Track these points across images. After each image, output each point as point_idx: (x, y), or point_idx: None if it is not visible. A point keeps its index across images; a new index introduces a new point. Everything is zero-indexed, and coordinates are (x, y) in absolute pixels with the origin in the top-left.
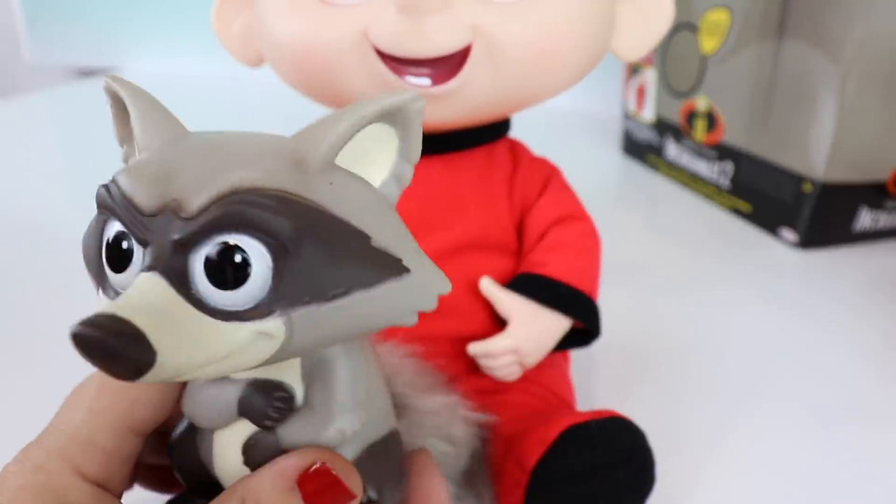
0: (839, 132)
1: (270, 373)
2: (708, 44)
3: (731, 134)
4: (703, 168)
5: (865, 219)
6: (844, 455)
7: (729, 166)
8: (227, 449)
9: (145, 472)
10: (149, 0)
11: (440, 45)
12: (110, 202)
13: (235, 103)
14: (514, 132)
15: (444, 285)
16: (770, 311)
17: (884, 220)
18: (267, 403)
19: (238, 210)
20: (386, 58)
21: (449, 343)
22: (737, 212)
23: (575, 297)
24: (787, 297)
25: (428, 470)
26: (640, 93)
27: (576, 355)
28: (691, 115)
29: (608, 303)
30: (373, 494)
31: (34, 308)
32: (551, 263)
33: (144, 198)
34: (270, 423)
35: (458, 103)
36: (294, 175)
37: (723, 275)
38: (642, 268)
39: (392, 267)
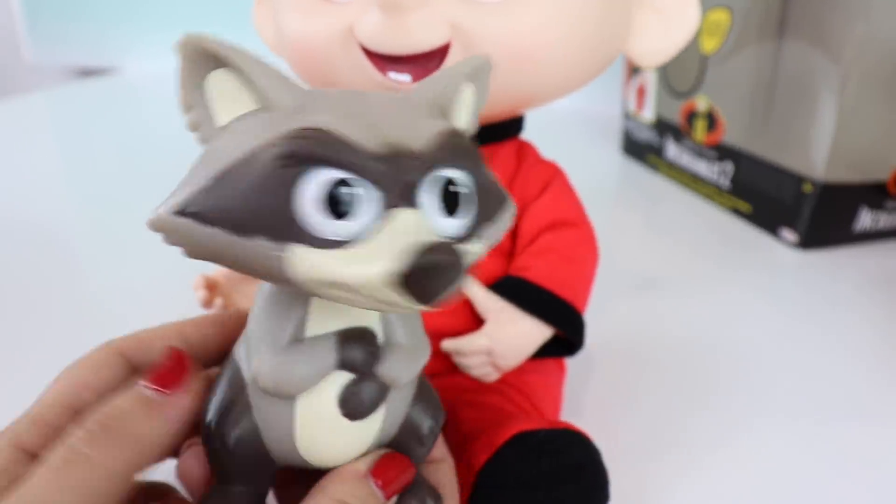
0: (839, 132)
1: (353, 323)
2: (708, 44)
3: (732, 134)
4: (704, 168)
5: (866, 219)
6: (844, 455)
7: (729, 166)
8: (316, 410)
9: None
10: (149, 0)
11: (419, 41)
12: (324, 150)
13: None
14: None
15: (513, 213)
16: (770, 311)
17: (884, 220)
18: (368, 350)
19: (464, 147)
20: (370, 54)
21: (431, 338)
22: (737, 212)
23: (554, 303)
24: (788, 298)
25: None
26: (641, 93)
27: (575, 355)
28: (691, 116)
29: (608, 303)
30: (430, 422)
31: (34, 308)
32: (534, 268)
33: (372, 142)
34: (369, 368)
35: None
36: (448, 122)
37: (723, 275)
38: (642, 268)
39: (502, 194)
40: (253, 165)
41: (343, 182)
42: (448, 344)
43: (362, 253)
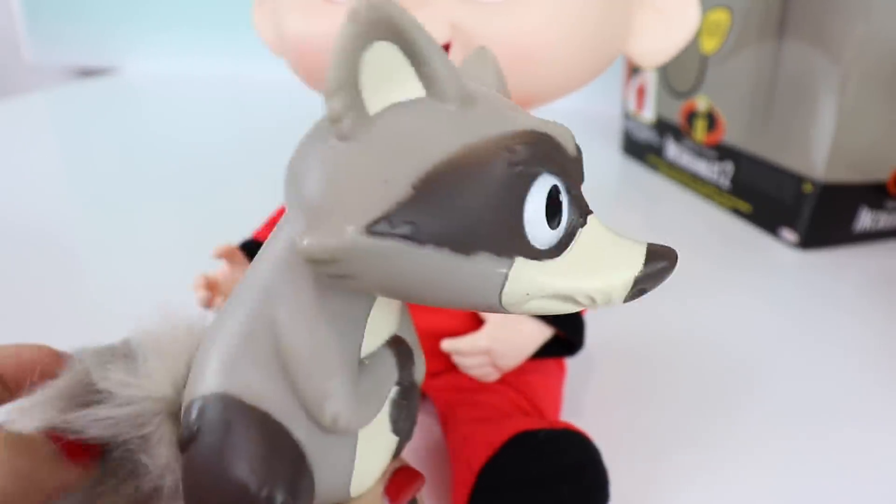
0: (839, 132)
1: (386, 335)
2: (708, 44)
3: (732, 134)
4: (704, 168)
5: (866, 219)
6: (844, 455)
7: (729, 166)
8: (375, 437)
9: None
10: (149, 0)
11: None
12: (553, 156)
13: (235, 103)
14: None
15: None
16: (770, 311)
17: (884, 220)
18: (409, 360)
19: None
20: None
21: (432, 338)
22: (737, 212)
23: None
24: (787, 298)
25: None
26: (641, 93)
27: (575, 355)
28: (691, 116)
29: None
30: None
31: (34, 308)
32: None
33: (571, 147)
34: (412, 379)
35: None
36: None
37: (723, 275)
38: None
39: None
40: (480, 169)
41: (555, 189)
42: (448, 344)
43: (592, 262)
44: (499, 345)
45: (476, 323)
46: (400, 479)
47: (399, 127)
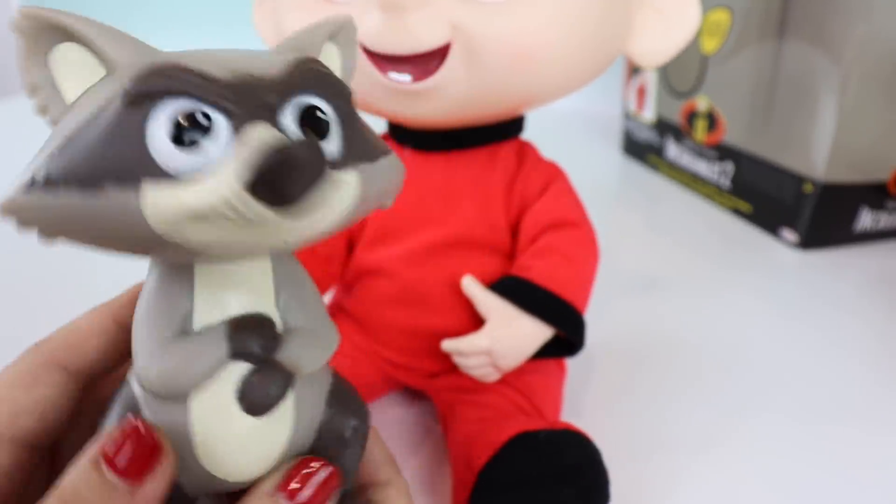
0: (840, 132)
1: (246, 309)
2: (708, 44)
3: (732, 134)
4: (704, 168)
5: (866, 219)
6: (845, 455)
7: (729, 166)
8: (212, 406)
9: None
10: (148, 0)
11: (419, 41)
12: (172, 82)
13: None
14: None
15: (401, 170)
16: (770, 311)
17: (884, 220)
18: (263, 335)
19: (321, 74)
20: (370, 54)
21: (431, 338)
22: (737, 212)
23: (555, 304)
24: (788, 298)
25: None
26: (641, 93)
27: (575, 355)
28: (692, 116)
29: (608, 303)
30: (353, 421)
31: (34, 308)
32: (536, 268)
33: (220, 71)
34: (267, 355)
35: (439, 100)
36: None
37: (723, 275)
38: (642, 268)
39: (385, 146)
40: (103, 115)
41: (194, 114)
42: (448, 344)
43: (213, 174)
44: (499, 345)
45: (476, 323)
46: (297, 473)
47: (78, 104)
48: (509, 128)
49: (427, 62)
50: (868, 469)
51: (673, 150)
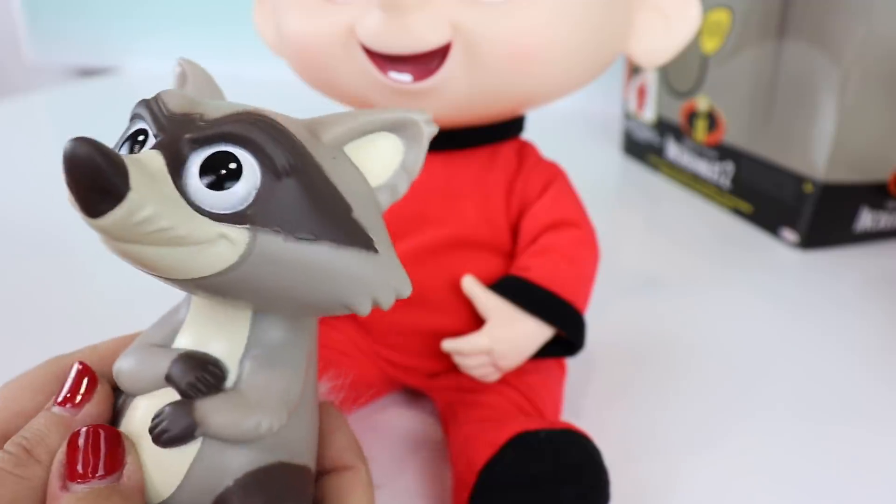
0: (840, 132)
1: (211, 350)
2: (709, 44)
3: (732, 134)
4: (704, 168)
5: (866, 219)
6: (844, 456)
7: (730, 166)
8: (138, 413)
9: None
10: (149, 0)
11: (419, 41)
12: (145, 104)
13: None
14: None
15: (405, 286)
16: (770, 311)
17: (885, 220)
18: (195, 372)
19: (248, 128)
20: (371, 54)
21: (432, 338)
22: (737, 212)
23: (555, 304)
24: (788, 298)
25: (331, 412)
26: (641, 93)
27: (575, 355)
28: (692, 116)
29: (608, 303)
30: None
31: (33, 308)
32: (535, 268)
33: (174, 102)
34: (192, 393)
35: (439, 100)
36: (305, 136)
37: (723, 275)
38: (642, 268)
39: (363, 240)
40: None
41: (142, 132)
42: (448, 344)
43: None
44: (499, 345)
45: (477, 323)
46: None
47: None
48: (509, 128)
49: (427, 62)
50: (869, 468)
51: (673, 150)
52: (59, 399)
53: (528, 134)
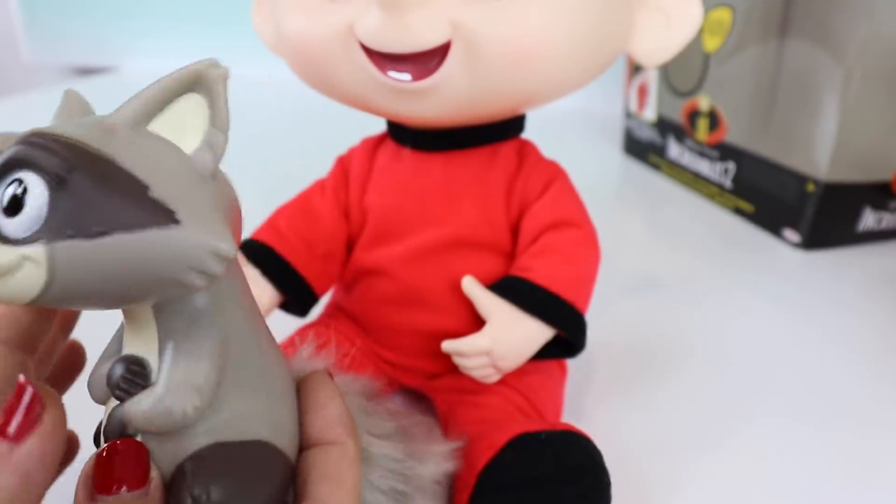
0: (842, 132)
1: (138, 351)
2: (710, 43)
3: (734, 133)
4: (706, 168)
5: (869, 219)
6: (847, 455)
7: (731, 166)
8: (103, 422)
9: None
10: (148, 0)
11: (419, 40)
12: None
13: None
14: None
15: (224, 245)
16: (773, 312)
17: (887, 220)
18: (119, 375)
19: (19, 149)
20: (370, 53)
21: (432, 339)
22: (739, 212)
23: (556, 304)
24: (790, 298)
25: (322, 383)
26: (642, 92)
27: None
28: (693, 115)
29: (609, 303)
30: (201, 491)
31: None
32: (536, 269)
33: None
34: (120, 394)
35: (439, 99)
36: (96, 133)
37: (725, 276)
38: (644, 268)
39: (160, 216)
40: None
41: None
42: (448, 345)
43: None
44: (500, 346)
45: (477, 324)
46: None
47: None
48: (510, 127)
49: (427, 61)
50: (870, 469)
51: (674, 150)
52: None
53: (528, 133)
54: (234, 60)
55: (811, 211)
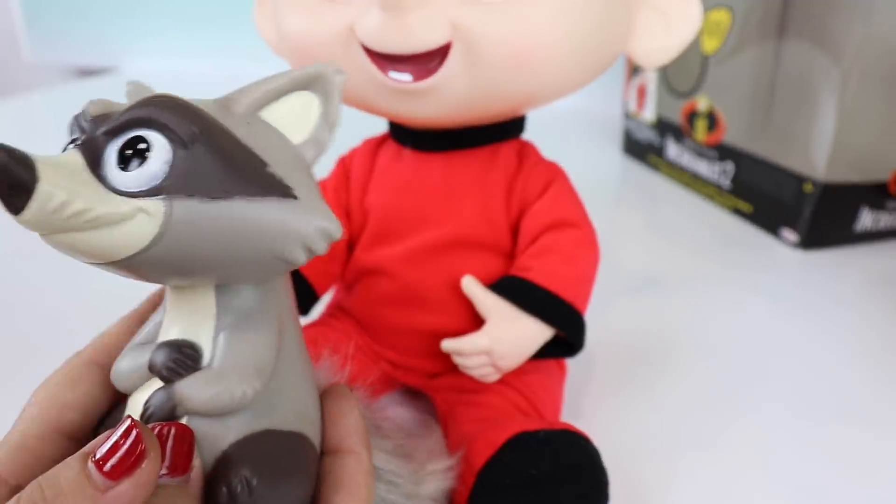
0: (840, 132)
1: (186, 334)
2: (709, 44)
3: (732, 134)
4: (704, 168)
5: (866, 219)
6: (844, 455)
7: (730, 166)
8: (134, 408)
9: None
10: (148, 0)
11: (419, 41)
12: (73, 117)
13: None
14: None
15: (333, 226)
16: (771, 311)
17: (885, 220)
18: (172, 356)
19: (148, 109)
20: (371, 54)
21: (432, 338)
22: (737, 212)
23: (555, 304)
24: (788, 298)
25: (344, 395)
26: (641, 93)
27: (575, 356)
28: (692, 115)
29: (608, 303)
30: (242, 482)
31: (33, 307)
32: (535, 269)
33: (94, 109)
34: (170, 376)
35: (440, 100)
36: (215, 108)
37: (723, 275)
38: (643, 269)
39: (278, 189)
40: None
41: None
42: (448, 344)
43: None
44: (499, 345)
45: (477, 323)
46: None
47: None
48: (510, 127)
49: (427, 61)
50: (870, 468)
51: (673, 150)
52: (98, 457)
53: (528, 134)
54: (234, 60)
55: (809, 211)
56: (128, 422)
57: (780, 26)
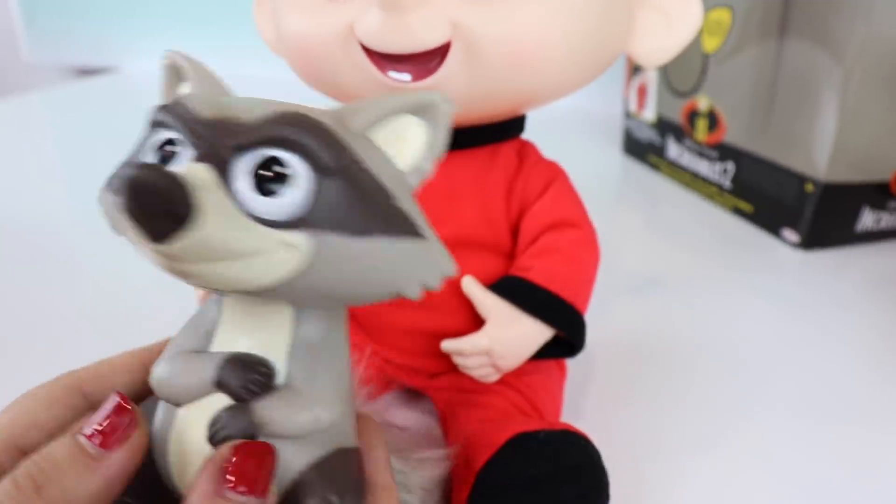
0: (841, 132)
1: (255, 349)
2: (709, 43)
3: (733, 134)
4: (705, 168)
5: (868, 219)
6: (846, 456)
7: (730, 166)
8: (190, 426)
9: None
10: (148, 0)
11: (419, 40)
12: (169, 111)
13: None
14: None
15: (451, 266)
16: (772, 311)
17: (886, 220)
18: (247, 375)
19: (294, 131)
20: (370, 53)
21: (432, 338)
22: (738, 212)
23: (555, 304)
24: (789, 298)
25: (373, 428)
26: (642, 92)
27: (575, 356)
28: (693, 115)
29: (608, 303)
30: (334, 500)
31: (33, 308)
32: (535, 269)
33: (202, 107)
34: (247, 396)
35: None
36: (338, 126)
37: (724, 276)
38: (643, 269)
39: (410, 228)
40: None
41: (172, 140)
42: (448, 344)
43: None
44: (499, 345)
45: (477, 323)
46: (228, 466)
47: None
48: (510, 127)
49: (427, 61)
50: (871, 468)
51: (674, 150)
52: (89, 431)
53: (528, 133)
54: (234, 60)
55: (810, 211)
56: (116, 397)
57: (782, 26)
